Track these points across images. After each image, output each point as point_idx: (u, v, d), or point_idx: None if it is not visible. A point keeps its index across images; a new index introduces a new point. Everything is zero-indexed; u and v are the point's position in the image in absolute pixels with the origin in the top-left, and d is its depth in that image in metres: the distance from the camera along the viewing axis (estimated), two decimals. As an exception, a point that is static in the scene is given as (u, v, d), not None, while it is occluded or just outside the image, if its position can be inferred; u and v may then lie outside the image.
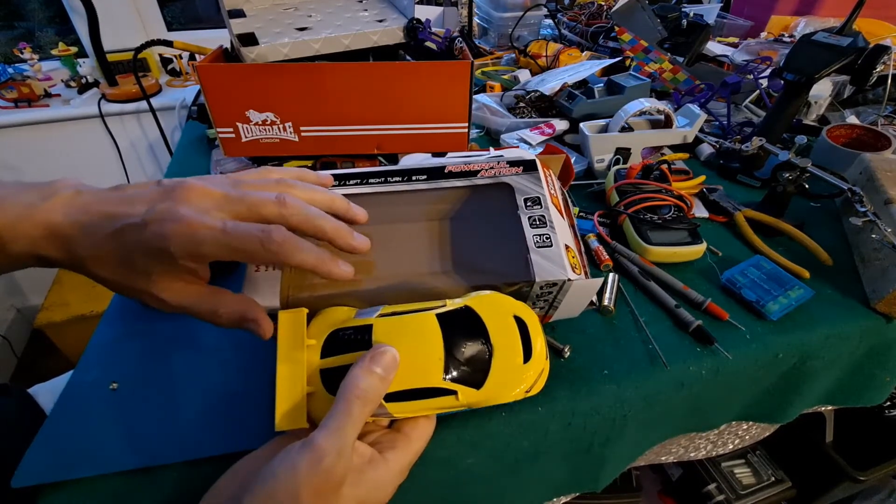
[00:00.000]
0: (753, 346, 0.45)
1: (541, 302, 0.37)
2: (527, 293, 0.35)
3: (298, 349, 0.30)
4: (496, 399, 0.31)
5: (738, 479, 0.99)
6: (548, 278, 0.33)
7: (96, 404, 0.39)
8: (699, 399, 0.46)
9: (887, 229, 0.50)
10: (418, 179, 0.37)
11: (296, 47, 0.67)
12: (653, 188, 0.59)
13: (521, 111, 0.85)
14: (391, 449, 0.30)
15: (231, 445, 0.36)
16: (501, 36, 1.25)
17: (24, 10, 1.56)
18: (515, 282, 0.34)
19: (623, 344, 0.45)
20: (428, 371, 0.29)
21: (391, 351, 0.29)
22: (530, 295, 0.35)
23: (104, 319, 0.46)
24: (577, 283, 0.34)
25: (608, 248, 0.56)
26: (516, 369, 0.31)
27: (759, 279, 0.50)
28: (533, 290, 0.34)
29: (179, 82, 1.54)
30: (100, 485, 0.34)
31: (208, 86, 0.55)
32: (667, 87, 0.94)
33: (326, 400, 0.29)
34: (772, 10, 1.38)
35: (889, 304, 0.48)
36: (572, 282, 0.33)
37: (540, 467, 0.43)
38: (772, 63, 0.92)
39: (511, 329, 0.32)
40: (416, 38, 0.73)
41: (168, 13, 1.58)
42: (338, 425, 0.26)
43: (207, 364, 0.42)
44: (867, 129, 0.74)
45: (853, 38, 0.68)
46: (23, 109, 1.35)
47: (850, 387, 0.55)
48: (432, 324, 0.31)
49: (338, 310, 0.33)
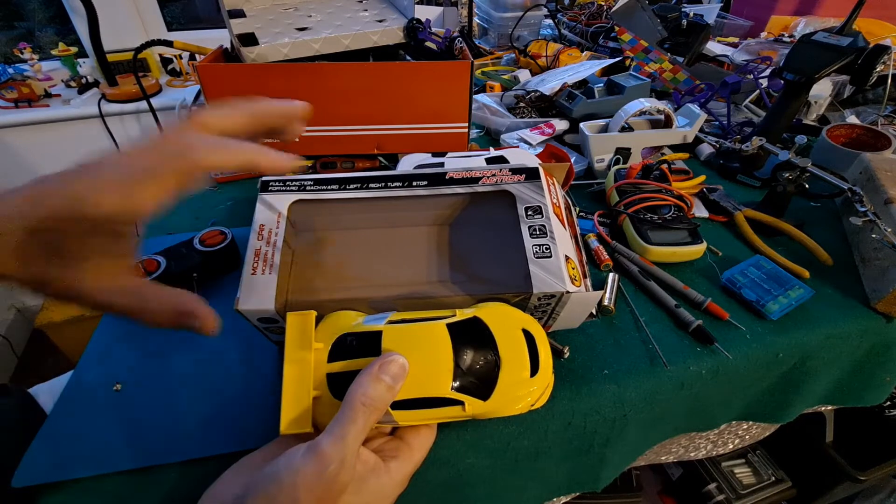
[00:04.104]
0: (753, 345, 0.45)
1: (539, 312, 0.36)
2: (525, 304, 0.35)
3: (306, 352, 0.30)
4: (501, 412, 0.31)
5: (739, 478, 0.99)
6: (546, 290, 0.33)
7: (96, 404, 0.39)
8: (699, 399, 0.46)
9: (887, 229, 0.50)
10: (419, 185, 0.37)
11: (296, 47, 0.66)
12: (653, 188, 0.59)
13: (521, 111, 0.85)
14: (394, 458, 0.29)
15: (231, 445, 0.36)
16: (501, 36, 1.25)
17: (24, 10, 1.56)
18: (513, 292, 0.33)
19: (623, 344, 0.45)
20: (436, 381, 0.29)
21: (400, 359, 0.28)
22: (528, 306, 0.35)
23: (104, 319, 0.46)
24: (576, 295, 0.33)
25: (608, 248, 0.56)
26: (523, 383, 0.31)
27: (759, 279, 0.50)
28: (531, 301, 0.34)
29: (179, 82, 1.54)
30: (100, 485, 0.34)
31: (208, 86, 0.55)
32: (667, 87, 0.94)
33: (332, 405, 0.29)
34: (772, 10, 1.38)
35: (889, 304, 0.48)
36: (571, 294, 0.33)
37: (540, 467, 0.43)
38: (772, 63, 0.92)
39: (519, 342, 0.32)
40: (416, 38, 0.73)
41: (168, 13, 1.58)
42: (343, 433, 0.26)
43: (207, 364, 0.42)
44: (867, 128, 0.74)
45: (853, 37, 0.68)
46: (23, 109, 1.35)
47: (850, 387, 0.55)
48: (442, 333, 0.31)
49: (346, 314, 0.33)
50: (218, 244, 0.49)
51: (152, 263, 0.46)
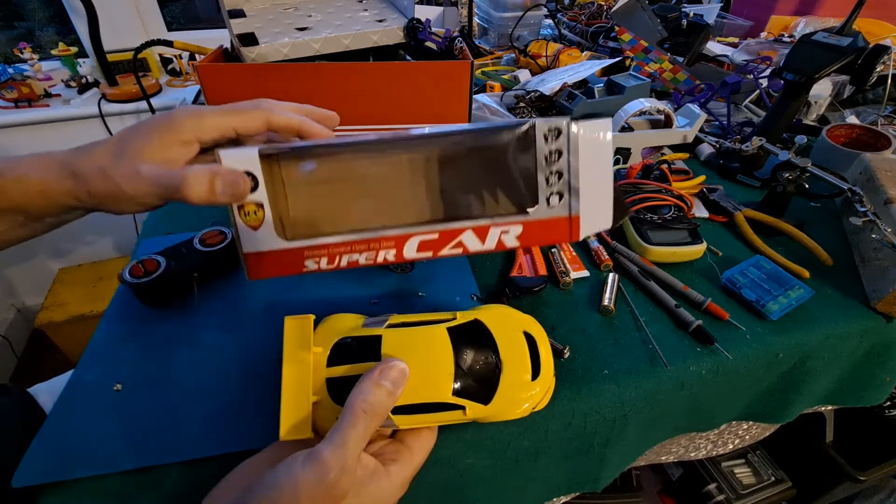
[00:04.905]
0: (753, 345, 0.45)
1: (553, 178, 0.30)
2: (533, 171, 0.29)
3: (305, 357, 0.29)
4: (503, 416, 0.31)
5: (739, 478, 0.99)
6: (551, 124, 0.28)
7: (96, 404, 0.39)
8: (699, 399, 0.46)
9: (887, 229, 0.50)
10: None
11: (296, 47, 0.66)
12: (653, 188, 0.59)
13: (521, 111, 0.85)
14: (394, 462, 0.29)
15: (231, 445, 0.36)
16: (501, 36, 1.25)
17: (24, 10, 1.56)
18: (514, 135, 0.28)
19: (623, 344, 0.45)
20: (437, 386, 0.29)
21: (400, 365, 0.28)
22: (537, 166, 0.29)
23: (104, 319, 0.46)
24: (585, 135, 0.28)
25: (608, 248, 0.56)
26: (524, 386, 0.31)
27: (759, 279, 0.50)
28: (538, 147, 0.29)
29: (179, 82, 1.54)
30: (100, 485, 0.34)
31: (208, 86, 0.55)
32: (667, 86, 0.94)
33: (332, 410, 0.29)
34: (772, 10, 1.38)
35: (889, 304, 0.48)
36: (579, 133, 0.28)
37: (540, 467, 0.43)
38: (772, 63, 0.92)
39: (520, 345, 0.31)
40: (416, 38, 0.73)
41: (168, 13, 1.58)
42: (343, 440, 0.26)
43: (207, 364, 0.42)
44: (867, 128, 0.74)
45: (853, 38, 0.68)
46: (23, 109, 1.34)
47: (850, 387, 0.55)
48: (443, 338, 0.30)
49: (345, 317, 0.33)
50: (218, 244, 0.49)
51: (152, 263, 0.46)
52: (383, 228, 0.30)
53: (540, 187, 0.29)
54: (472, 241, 0.30)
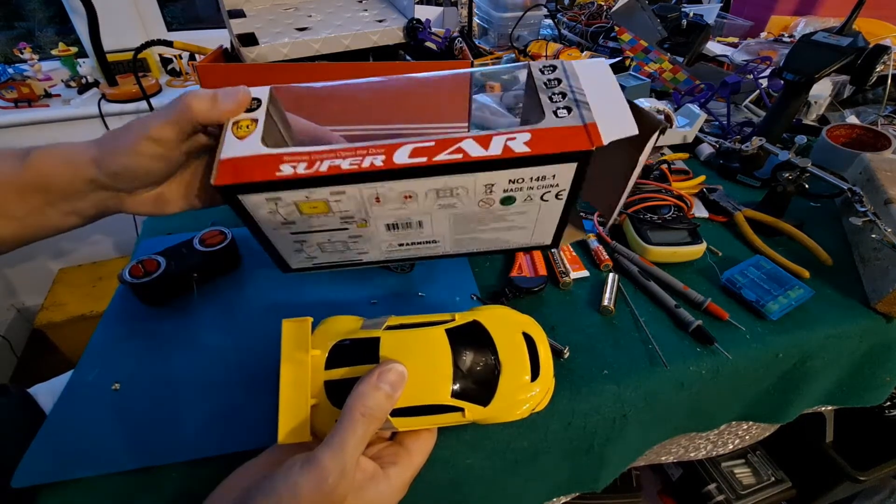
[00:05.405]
0: (753, 346, 0.45)
1: (557, 97, 0.30)
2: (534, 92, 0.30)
3: (303, 359, 0.29)
4: (502, 417, 0.30)
5: (738, 479, 0.99)
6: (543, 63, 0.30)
7: (96, 404, 0.39)
8: (699, 399, 0.46)
9: (887, 229, 0.50)
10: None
11: (296, 47, 0.66)
12: (653, 188, 0.59)
13: (521, 111, 0.85)
14: (393, 464, 0.29)
15: (231, 446, 0.36)
16: (501, 36, 1.25)
17: (24, 10, 1.56)
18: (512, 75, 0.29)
19: (623, 344, 0.45)
20: (436, 388, 0.29)
21: (399, 368, 0.28)
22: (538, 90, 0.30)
23: (104, 319, 0.46)
24: (579, 63, 0.30)
25: (608, 248, 0.56)
26: (523, 387, 0.30)
27: (759, 279, 0.50)
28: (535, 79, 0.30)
29: (179, 82, 1.54)
30: (100, 485, 0.34)
31: (208, 86, 0.55)
32: (667, 87, 0.94)
33: (330, 413, 0.28)
34: (772, 10, 1.38)
35: (889, 304, 0.48)
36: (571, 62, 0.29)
37: (540, 467, 0.43)
38: (772, 63, 0.92)
39: (519, 346, 0.31)
40: (416, 38, 0.73)
41: (168, 13, 1.58)
42: (342, 444, 0.25)
43: (207, 364, 0.42)
44: (867, 128, 0.74)
45: (853, 37, 0.68)
46: (23, 109, 1.34)
47: (850, 387, 0.55)
48: (441, 340, 0.30)
49: (343, 319, 0.33)
50: (218, 244, 0.49)
51: (152, 263, 0.46)
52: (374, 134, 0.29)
53: (545, 104, 0.29)
54: (473, 148, 0.27)
